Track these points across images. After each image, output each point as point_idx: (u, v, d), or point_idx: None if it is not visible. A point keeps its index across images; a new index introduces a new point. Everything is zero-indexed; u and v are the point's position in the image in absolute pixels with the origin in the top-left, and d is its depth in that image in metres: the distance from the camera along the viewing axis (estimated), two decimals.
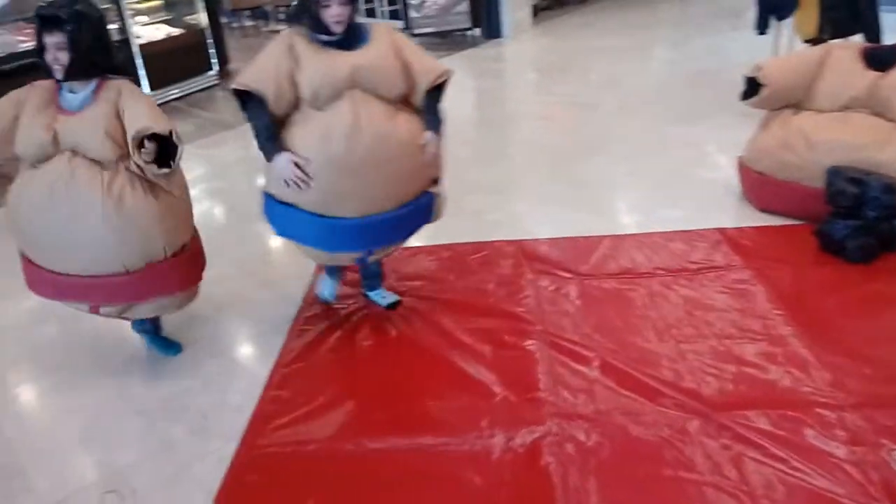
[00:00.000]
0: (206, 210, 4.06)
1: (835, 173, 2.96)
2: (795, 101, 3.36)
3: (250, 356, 2.70)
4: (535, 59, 7.32)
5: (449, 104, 2.40)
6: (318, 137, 2.21)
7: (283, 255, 3.39)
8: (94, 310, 2.39)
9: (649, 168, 4.04)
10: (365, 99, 2.22)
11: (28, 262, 2.36)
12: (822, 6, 4.35)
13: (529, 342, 2.54)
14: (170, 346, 2.67)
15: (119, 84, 2.27)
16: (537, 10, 8.64)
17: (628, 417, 2.14)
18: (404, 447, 2.09)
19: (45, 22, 2.12)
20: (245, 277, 3.20)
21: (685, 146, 4.29)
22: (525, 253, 3.17)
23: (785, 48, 4.88)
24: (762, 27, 4.76)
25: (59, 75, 2.17)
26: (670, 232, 3.23)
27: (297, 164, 2.21)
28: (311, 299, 2.93)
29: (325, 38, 2.23)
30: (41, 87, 2.26)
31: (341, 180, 2.24)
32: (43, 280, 2.34)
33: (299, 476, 2.03)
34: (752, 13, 4.93)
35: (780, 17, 4.69)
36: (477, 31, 7.88)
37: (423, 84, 2.31)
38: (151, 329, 2.66)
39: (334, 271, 2.85)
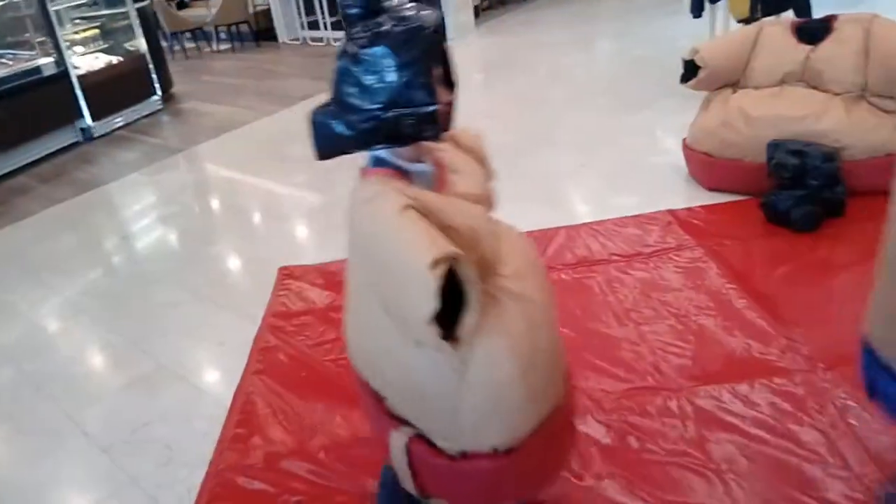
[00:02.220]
0: (161, 236, 3.99)
1: (775, 146, 3.03)
2: (733, 81, 3.44)
3: (213, 380, 2.66)
4: (480, 59, 7.37)
5: None
6: None
7: (240, 276, 3.35)
8: None
9: (600, 157, 4.09)
10: None
11: None
12: None
13: None
14: None
15: None
16: (479, 11, 8.70)
17: (593, 403, 2.16)
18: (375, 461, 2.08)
19: None
20: (202, 301, 3.15)
21: (634, 133, 4.36)
22: None
23: (721, 29, 4.98)
24: (697, 11, 4.86)
25: None
26: (624, 218, 3.28)
27: None
28: (270, 319, 2.90)
29: None
30: None
31: None
32: None
33: (270, 499, 2.01)
34: None
35: (713, 0, 4.80)
36: None
37: None
38: None
39: None
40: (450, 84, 1.46)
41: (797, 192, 2.91)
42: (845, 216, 2.94)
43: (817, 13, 3.80)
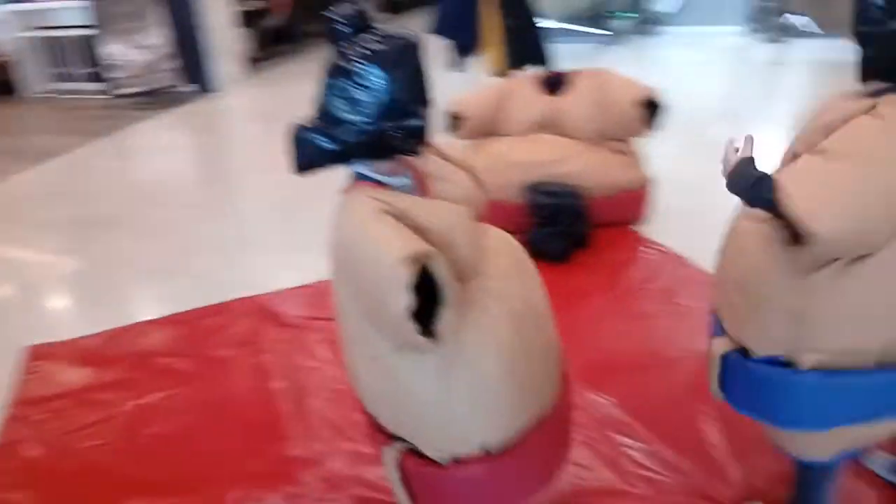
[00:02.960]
0: None
1: (531, 188, 3.31)
2: (493, 129, 3.71)
3: None
4: (256, 111, 7.24)
5: (166, 164, 2.25)
6: None
7: None
8: None
9: None
10: None
11: None
12: (504, 41, 4.88)
13: (282, 404, 2.46)
14: None
15: None
16: (253, 61, 8.57)
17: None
18: None
19: None
20: None
21: None
22: (265, 308, 3.08)
23: (479, 81, 5.37)
24: (457, 64, 5.21)
25: None
26: None
27: None
28: (15, 408, 2.54)
29: None
30: None
31: None
32: None
33: None
34: (446, 54, 5.37)
35: (471, 55, 5.17)
36: (189, 87, 7.59)
37: None
38: None
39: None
40: (427, 100, 1.48)
41: (553, 229, 3.19)
42: (593, 247, 3.28)
43: (560, 66, 4.25)
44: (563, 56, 4.98)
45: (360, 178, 1.46)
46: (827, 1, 7.76)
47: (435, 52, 5.98)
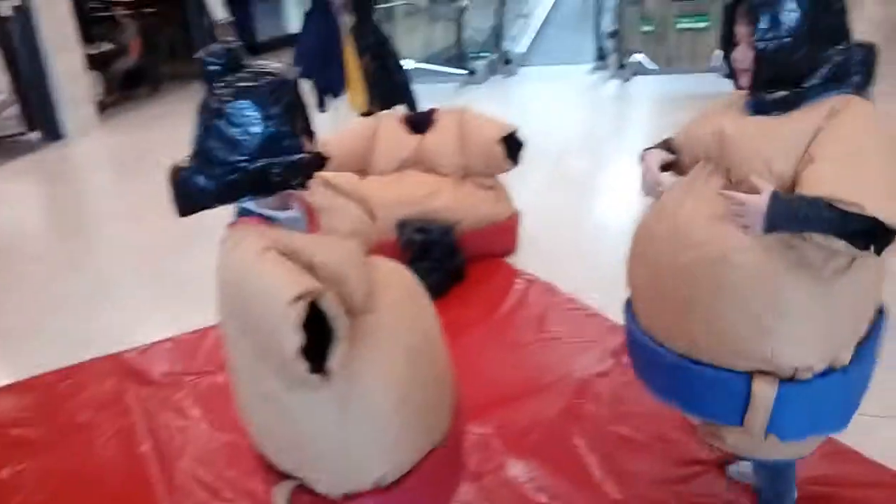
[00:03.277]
0: None
1: (403, 225, 3.35)
2: (360, 168, 3.73)
3: None
4: (109, 157, 6.86)
5: (12, 216, 2.08)
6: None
7: None
8: None
9: None
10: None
11: None
12: (368, 83, 4.94)
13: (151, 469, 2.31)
14: None
15: None
16: (104, 106, 8.14)
17: None
18: None
19: None
20: None
21: None
22: (127, 367, 2.89)
23: (344, 122, 5.40)
24: (321, 106, 5.21)
25: None
26: None
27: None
28: None
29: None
30: None
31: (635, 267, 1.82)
32: None
33: None
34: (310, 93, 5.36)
35: (335, 95, 5.20)
36: (35, 135, 7.08)
37: None
38: None
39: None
40: (311, 133, 1.50)
41: (425, 264, 3.23)
42: (467, 280, 3.36)
43: (423, 106, 4.36)
44: (426, 96, 5.12)
45: (245, 213, 1.45)
46: (661, 41, 8.52)
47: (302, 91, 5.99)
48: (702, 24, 8.79)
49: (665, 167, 1.77)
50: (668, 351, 1.67)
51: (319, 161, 1.46)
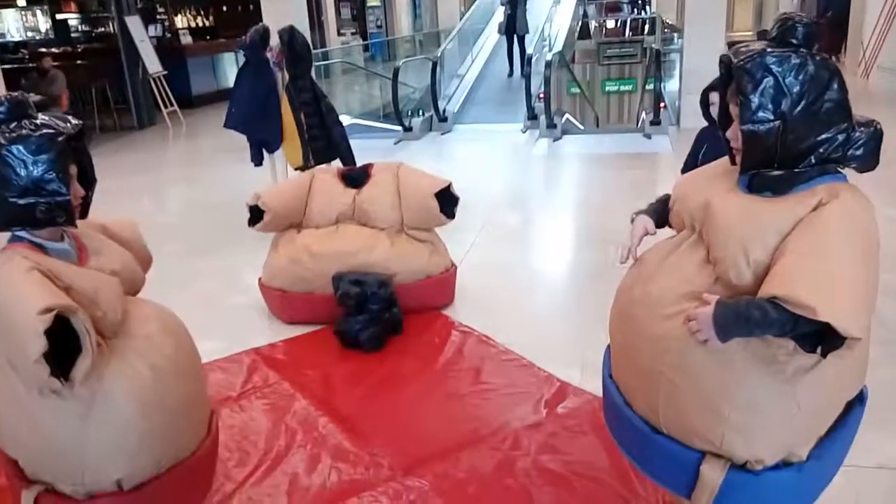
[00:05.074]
0: None
1: (339, 278, 3.35)
2: (296, 222, 3.72)
3: None
4: None
5: None
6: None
7: None
8: None
9: (178, 304, 3.88)
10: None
11: None
12: (304, 138, 4.98)
13: None
14: None
15: None
16: None
17: None
18: None
19: None
20: None
21: (211, 276, 4.35)
22: None
23: (281, 176, 5.40)
24: (257, 159, 5.21)
25: None
26: (208, 363, 3.18)
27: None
28: None
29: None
30: None
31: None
32: None
33: None
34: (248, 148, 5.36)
35: (271, 150, 5.21)
36: None
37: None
38: None
39: None
40: (88, 181, 1.84)
41: (362, 317, 3.23)
42: (404, 332, 3.37)
43: (359, 162, 4.41)
44: (362, 151, 5.19)
45: (17, 239, 1.71)
46: (585, 106, 8.96)
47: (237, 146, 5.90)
48: (627, 87, 9.30)
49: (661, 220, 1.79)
50: (633, 413, 1.69)
51: (85, 205, 1.84)
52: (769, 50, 1.40)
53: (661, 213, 1.79)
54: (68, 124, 1.71)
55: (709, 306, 1.43)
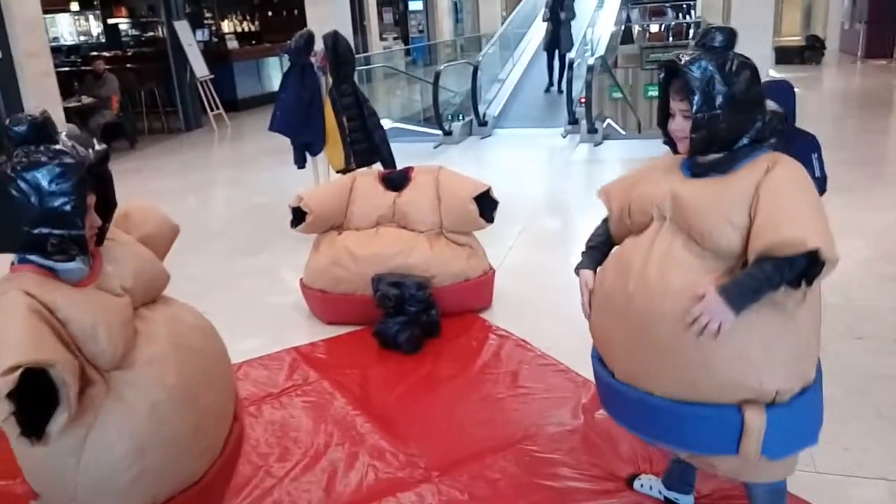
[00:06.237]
0: None
1: (378, 280, 3.39)
2: (337, 224, 3.79)
3: None
4: None
5: None
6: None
7: None
8: None
9: (221, 303, 4.04)
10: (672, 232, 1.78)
11: None
12: (346, 141, 5.05)
13: None
14: None
15: None
16: None
17: None
18: None
19: None
20: None
21: (254, 276, 4.45)
22: None
23: (323, 178, 5.49)
24: (300, 162, 5.30)
25: None
26: (250, 360, 3.27)
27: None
28: None
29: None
30: None
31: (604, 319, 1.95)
32: None
33: None
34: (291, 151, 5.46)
35: (313, 153, 5.30)
36: None
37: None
38: None
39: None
40: (108, 208, 1.71)
41: (400, 319, 3.27)
42: (441, 335, 3.39)
43: (400, 164, 4.46)
44: (402, 154, 5.24)
45: (24, 261, 1.59)
46: (627, 110, 8.87)
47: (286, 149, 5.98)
48: None
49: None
50: (658, 398, 1.76)
51: (101, 234, 1.69)
52: (704, 54, 1.68)
53: (600, 258, 2.01)
54: (90, 151, 1.60)
55: (707, 297, 1.60)
